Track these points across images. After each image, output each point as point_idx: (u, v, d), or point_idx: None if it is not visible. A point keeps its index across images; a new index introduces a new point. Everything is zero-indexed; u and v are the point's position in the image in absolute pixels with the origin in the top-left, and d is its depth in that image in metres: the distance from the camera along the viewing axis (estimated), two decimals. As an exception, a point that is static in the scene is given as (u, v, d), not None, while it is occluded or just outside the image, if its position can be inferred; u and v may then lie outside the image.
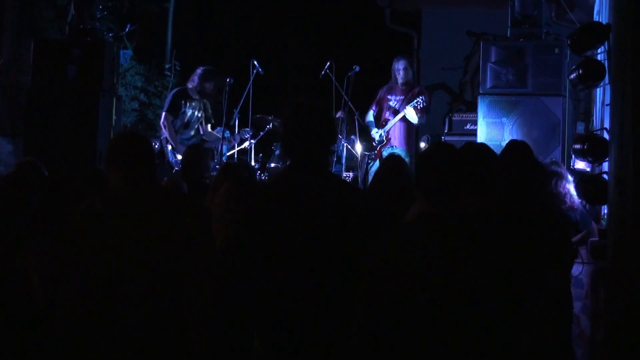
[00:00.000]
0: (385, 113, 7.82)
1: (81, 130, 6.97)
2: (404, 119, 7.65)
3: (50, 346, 3.59)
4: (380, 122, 7.85)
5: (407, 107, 7.59)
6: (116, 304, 2.76)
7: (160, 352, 2.80)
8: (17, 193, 3.71)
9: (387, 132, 7.73)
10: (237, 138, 8.21)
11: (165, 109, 7.84)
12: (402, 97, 7.73)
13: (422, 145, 8.74)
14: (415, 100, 7.58)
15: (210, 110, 8.04)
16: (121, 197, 2.92)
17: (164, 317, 2.79)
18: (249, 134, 8.18)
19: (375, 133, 7.78)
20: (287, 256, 2.89)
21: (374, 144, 7.80)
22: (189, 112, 7.80)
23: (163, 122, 7.74)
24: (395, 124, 7.71)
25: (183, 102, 7.74)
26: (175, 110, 7.70)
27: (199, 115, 7.85)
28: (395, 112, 7.71)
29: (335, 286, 2.87)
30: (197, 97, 7.78)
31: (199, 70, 7.80)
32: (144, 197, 2.89)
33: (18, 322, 3.52)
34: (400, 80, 7.78)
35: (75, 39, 7.26)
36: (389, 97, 7.86)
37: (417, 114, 7.58)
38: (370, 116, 7.93)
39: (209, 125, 7.98)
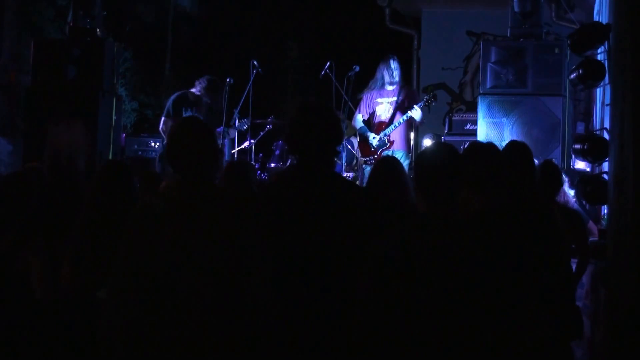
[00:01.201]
0: (380, 116, 7.44)
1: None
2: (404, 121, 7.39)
3: (50, 345, 3.59)
4: (373, 126, 7.48)
5: (415, 107, 7.19)
6: (177, 301, 2.72)
7: (222, 347, 2.75)
8: (18, 193, 3.71)
9: (389, 136, 7.37)
10: (234, 133, 8.07)
11: (164, 114, 7.62)
12: (395, 99, 7.37)
13: (428, 142, 8.61)
14: (425, 99, 7.25)
15: (205, 113, 7.86)
16: (181, 194, 2.84)
17: (224, 314, 2.74)
18: (246, 124, 8.02)
19: (374, 139, 7.40)
20: (291, 255, 2.90)
21: (372, 149, 7.42)
22: None
23: (162, 128, 7.53)
24: (394, 127, 7.36)
25: (183, 108, 7.52)
26: (175, 116, 7.44)
27: (201, 118, 7.67)
28: (397, 113, 7.35)
29: (338, 285, 2.87)
30: (197, 102, 7.62)
31: (204, 82, 7.58)
32: (204, 195, 2.81)
33: (18, 321, 3.52)
34: (393, 80, 7.39)
35: (75, 39, 7.26)
36: (380, 99, 7.48)
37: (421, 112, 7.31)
38: (360, 121, 7.55)
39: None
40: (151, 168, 8.25)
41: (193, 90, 7.61)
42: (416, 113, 7.22)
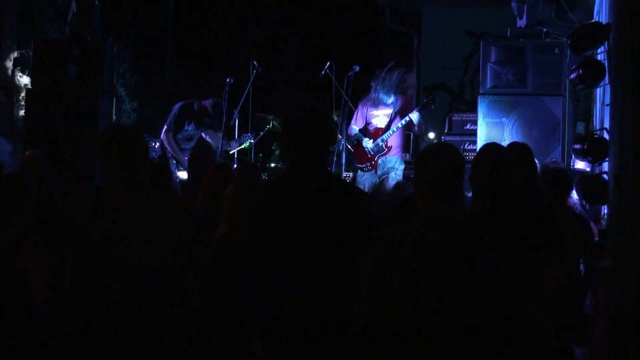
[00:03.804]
0: (375, 125, 7.46)
1: (81, 130, 6.97)
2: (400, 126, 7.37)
3: (49, 345, 3.59)
4: (369, 134, 7.49)
5: (414, 111, 7.24)
6: (104, 302, 2.77)
7: (153, 349, 2.80)
8: (18, 193, 3.71)
9: (386, 141, 7.38)
10: (235, 145, 8.08)
11: (167, 123, 7.63)
12: (391, 111, 7.39)
13: (432, 135, 8.62)
14: (423, 102, 7.28)
15: (207, 124, 7.88)
16: (108, 194, 2.92)
17: (152, 318, 2.80)
18: (249, 139, 8.06)
19: (368, 141, 7.41)
20: (287, 256, 2.90)
21: (369, 155, 7.43)
22: (192, 130, 7.64)
23: (163, 137, 7.53)
24: (392, 132, 7.39)
25: (187, 121, 7.57)
26: (177, 128, 7.53)
27: (201, 130, 7.75)
28: (394, 120, 7.38)
29: (334, 286, 2.87)
30: (202, 115, 7.61)
31: (211, 104, 7.59)
32: (131, 196, 2.89)
33: (18, 322, 3.52)
34: (388, 100, 7.39)
35: (75, 39, 7.26)
36: (376, 112, 7.48)
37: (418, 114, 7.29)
38: (356, 129, 7.56)
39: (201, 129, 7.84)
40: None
41: (197, 107, 7.58)
42: (414, 116, 7.24)
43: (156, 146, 8.39)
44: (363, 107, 7.62)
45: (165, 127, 7.59)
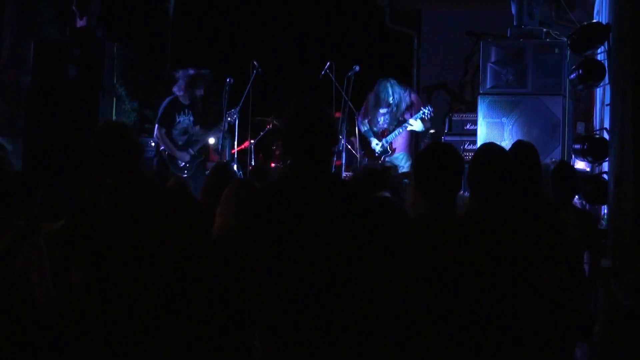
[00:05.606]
0: (382, 125, 7.70)
1: (81, 130, 6.97)
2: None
3: (50, 345, 3.59)
4: (376, 133, 7.74)
5: (412, 119, 7.51)
6: (108, 297, 2.77)
7: (154, 348, 2.81)
8: (20, 193, 3.71)
9: (391, 143, 7.63)
10: (225, 125, 8.08)
11: (157, 120, 7.69)
12: (395, 111, 7.64)
13: (432, 131, 8.71)
14: (422, 112, 7.49)
15: (200, 112, 7.90)
16: (113, 192, 2.93)
17: (156, 318, 2.80)
18: (235, 114, 8.04)
19: (376, 145, 7.65)
20: (287, 256, 2.90)
21: (375, 154, 7.67)
22: (184, 121, 7.67)
23: (156, 135, 7.57)
24: (395, 135, 7.63)
25: (176, 113, 7.60)
26: (168, 123, 7.57)
27: (193, 119, 7.76)
28: (397, 123, 7.62)
29: (335, 286, 2.87)
30: (188, 102, 7.65)
31: (183, 77, 7.59)
32: (133, 193, 2.90)
33: (18, 322, 3.52)
34: (391, 102, 7.66)
35: (75, 39, 7.27)
36: (383, 110, 7.73)
37: (422, 123, 7.56)
38: (365, 124, 7.83)
39: (198, 126, 7.84)
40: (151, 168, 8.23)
41: (179, 92, 7.63)
42: (416, 125, 7.52)
43: (152, 145, 8.39)
44: (371, 100, 7.84)
45: (157, 124, 7.64)
